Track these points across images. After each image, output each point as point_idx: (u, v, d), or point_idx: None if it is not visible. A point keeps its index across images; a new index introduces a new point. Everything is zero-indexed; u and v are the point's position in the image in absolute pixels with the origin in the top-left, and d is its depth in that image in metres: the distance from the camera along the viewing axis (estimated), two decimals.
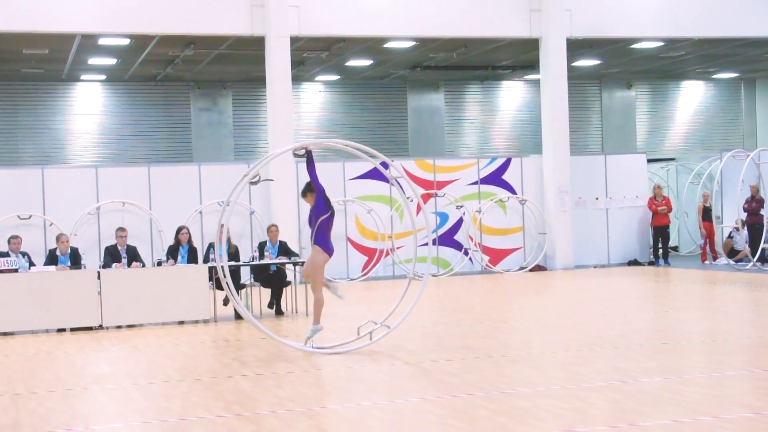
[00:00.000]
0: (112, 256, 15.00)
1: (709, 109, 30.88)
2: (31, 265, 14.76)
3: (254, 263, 15.38)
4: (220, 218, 11.22)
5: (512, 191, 22.66)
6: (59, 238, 15.24)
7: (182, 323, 14.31)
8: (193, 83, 26.37)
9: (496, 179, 22.62)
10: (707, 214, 22.90)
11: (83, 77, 25.32)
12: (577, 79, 27.31)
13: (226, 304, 15.11)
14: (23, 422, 7.74)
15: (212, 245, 15.33)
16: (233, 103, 26.85)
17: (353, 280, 21.41)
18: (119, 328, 14.07)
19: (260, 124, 26.31)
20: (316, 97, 27.50)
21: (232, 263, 15.21)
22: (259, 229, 20.62)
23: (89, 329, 13.89)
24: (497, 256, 22.50)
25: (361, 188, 21.60)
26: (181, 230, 15.48)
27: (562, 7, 21.98)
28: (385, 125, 28.02)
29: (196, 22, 20.07)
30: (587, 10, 22.32)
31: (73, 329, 13.93)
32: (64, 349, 12.19)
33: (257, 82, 24.72)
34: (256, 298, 15.49)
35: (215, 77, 26.07)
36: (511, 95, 29.09)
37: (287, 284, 15.47)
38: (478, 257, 22.29)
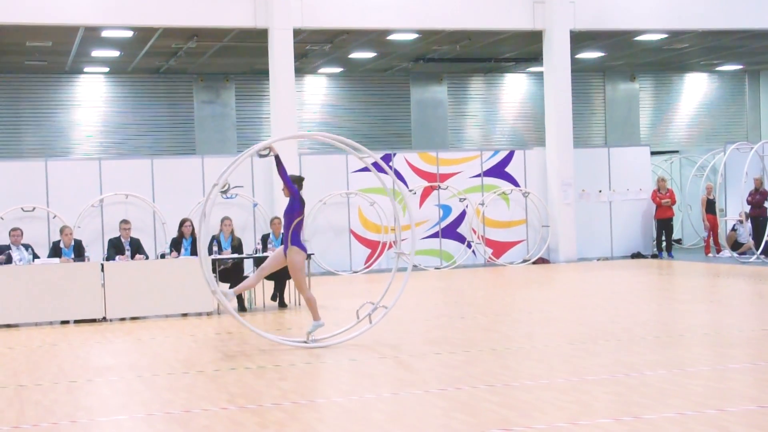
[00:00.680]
0: (115, 248, 15.01)
1: (713, 101, 30.82)
2: (34, 257, 14.78)
3: (257, 255, 15.38)
4: (199, 227, 11.11)
5: (515, 184, 22.64)
6: (63, 230, 15.26)
7: (185, 315, 14.33)
8: (196, 76, 26.35)
9: (499, 172, 22.61)
10: (711, 206, 22.87)
11: (86, 69, 25.31)
12: (580, 71, 27.26)
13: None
14: (28, 414, 7.75)
15: (215, 237, 15.35)
16: (236, 95, 26.83)
17: (356, 272, 21.42)
18: (123, 320, 14.09)
19: (263, 116, 26.30)
20: (319, 89, 27.47)
21: (235, 256, 15.23)
22: (262, 221, 20.63)
23: (93, 321, 13.92)
24: (500, 248, 22.50)
25: (363, 180, 21.59)
26: (184, 223, 15.49)
27: None
28: (388, 118, 27.99)
29: (199, 14, 20.06)
30: (590, 1, 22.27)
31: (77, 321, 13.95)
32: (68, 341, 12.20)
33: (260, 74, 24.70)
34: (259, 290, 15.50)
35: (218, 69, 26.05)
36: (514, 88, 29.04)
37: (290, 277, 15.44)
38: (481, 250, 22.29)
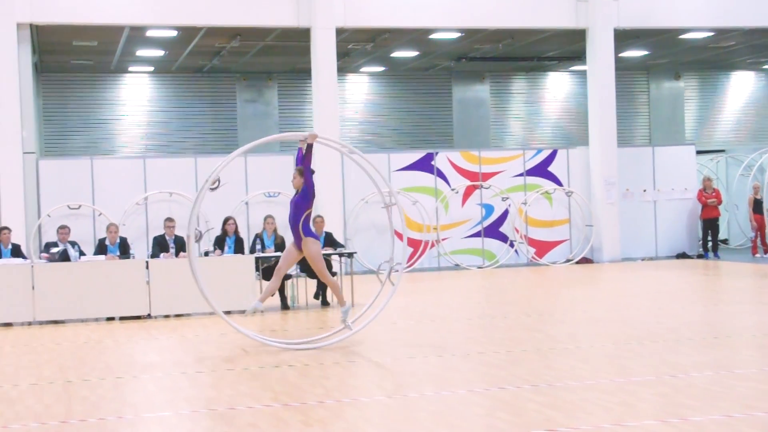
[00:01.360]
0: (160, 246, 15.14)
1: (759, 100, 30.39)
2: (81, 254, 14.95)
3: None
4: (188, 230, 11.19)
5: (558, 183, 22.50)
6: (109, 227, 15.43)
7: (229, 313, 14.38)
8: (239, 75, 26.49)
9: (542, 171, 22.48)
10: (758, 206, 22.55)
11: (131, 69, 25.55)
12: (624, 69, 27.03)
13: (272, 294, 15.15)
14: (75, 410, 7.84)
15: (258, 236, 15.42)
16: (279, 94, 26.93)
17: (398, 271, 21.37)
18: (167, 317, 14.21)
19: (305, 115, 26.37)
20: (360, 88, 27.48)
21: (278, 254, 15.28)
22: None
23: (138, 318, 14.05)
24: (543, 248, 22.37)
25: (406, 179, 21.59)
26: (227, 221, 15.59)
27: None
28: (429, 117, 27.94)
29: (242, 13, 20.16)
30: (635, 0, 22.08)
31: (122, 318, 14.09)
32: (113, 337, 12.32)
33: (303, 73, 24.77)
34: (302, 288, 15.55)
35: (261, 69, 26.18)
36: (557, 86, 28.86)
37: (333, 275, 15.47)
38: (523, 249, 22.19)
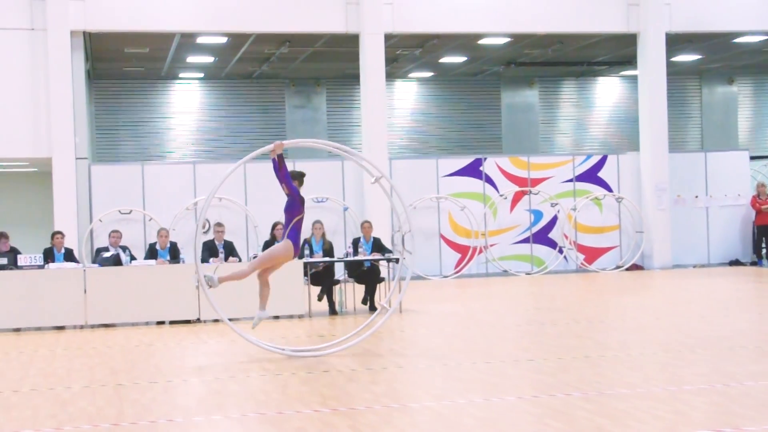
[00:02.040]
0: (209, 250, 15.25)
1: None
2: (132, 259, 15.11)
3: (348, 259, 15.46)
4: (196, 233, 11.22)
5: (608, 189, 22.31)
6: (159, 232, 15.58)
7: (277, 318, 14.47)
8: (288, 81, 26.63)
9: (591, 176, 22.30)
10: None
11: (182, 75, 25.81)
12: (676, 74, 26.72)
13: (320, 299, 15.23)
14: (126, 412, 7.91)
15: (307, 241, 15.46)
16: (327, 100, 27.02)
17: (446, 277, 21.36)
18: (216, 321, 14.28)
19: (354, 121, 26.43)
20: (409, 94, 27.48)
21: (326, 259, 15.32)
22: (352, 225, 20.74)
23: (187, 322, 14.15)
24: (593, 254, 22.18)
25: (454, 185, 21.54)
26: (276, 226, 15.64)
27: (661, 0, 21.55)
28: (478, 122, 27.86)
29: (291, 20, 20.29)
30: (687, 3, 21.84)
31: (172, 322, 14.21)
32: (163, 341, 12.43)
33: (351, 79, 24.83)
34: (350, 294, 15.56)
35: (310, 74, 26.29)
36: (607, 91, 28.62)
37: (381, 280, 15.51)
38: (572, 255, 22.02)
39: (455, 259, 21.69)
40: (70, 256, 15.36)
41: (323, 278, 15.20)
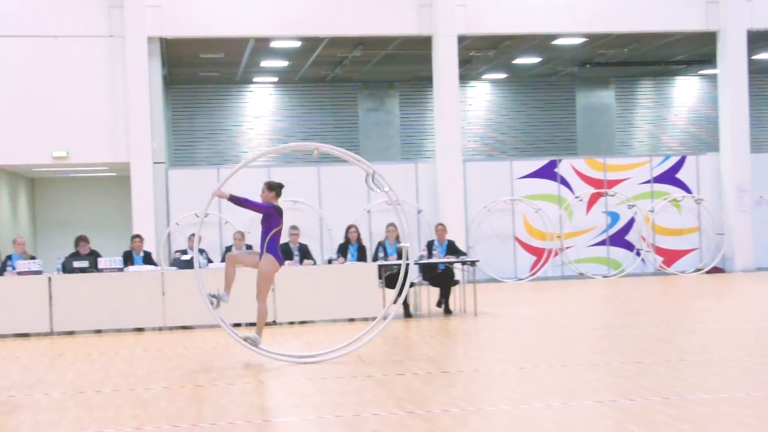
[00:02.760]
0: (285, 253, 15.31)
1: None
2: (208, 261, 15.28)
3: (422, 262, 15.41)
4: (197, 241, 11.14)
5: (687, 190, 21.91)
6: (235, 235, 15.72)
7: (352, 320, 14.49)
8: (360, 84, 26.71)
9: (669, 178, 21.92)
10: None
11: (255, 80, 26.07)
12: (757, 72, 26.12)
13: (395, 302, 15.19)
14: (205, 413, 7.98)
15: (381, 244, 15.46)
16: (400, 102, 27.04)
17: (521, 280, 21.19)
18: (291, 324, 14.38)
19: (427, 123, 26.40)
20: (482, 95, 27.35)
21: (399, 262, 15.28)
22: (426, 227, 20.69)
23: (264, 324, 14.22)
24: (671, 257, 21.79)
25: (529, 187, 21.36)
26: (350, 229, 15.68)
27: None
28: (552, 124, 27.59)
29: (364, 23, 20.34)
30: None
31: (248, 324, 14.30)
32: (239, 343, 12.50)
33: (424, 81, 24.81)
34: (424, 296, 15.52)
35: (383, 77, 26.33)
36: (685, 91, 28.11)
37: (456, 283, 15.44)
38: (650, 258, 21.65)
39: (530, 261, 21.51)
40: (148, 259, 15.60)
41: (397, 281, 15.14)
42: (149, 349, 12.28)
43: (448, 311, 15.18)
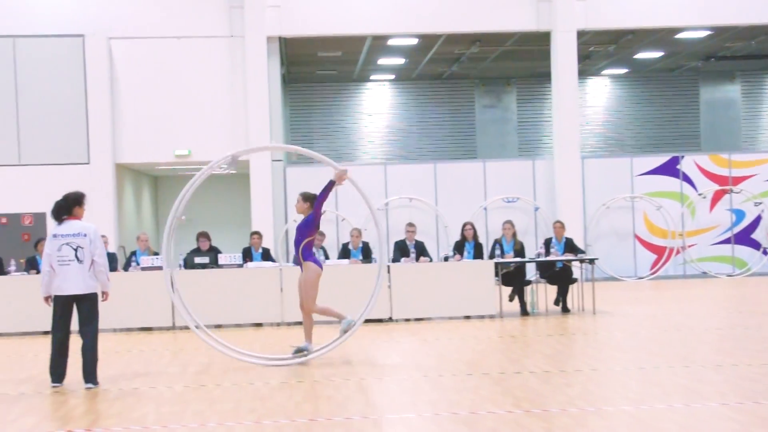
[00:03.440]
0: (401, 250, 15.36)
1: None
2: (326, 258, 15.43)
3: (540, 259, 15.23)
4: (167, 240, 11.01)
5: None
6: (352, 232, 15.84)
7: (468, 318, 14.42)
8: (477, 80, 26.56)
9: None
10: None
11: (373, 77, 26.21)
12: None
13: (512, 300, 15.08)
14: (322, 409, 8.05)
15: (498, 241, 15.33)
16: (517, 99, 26.78)
17: (641, 278, 20.73)
18: (408, 320, 14.39)
19: (545, 119, 26.08)
20: (601, 91, 26.85)
21: (517, 259, 15.15)
22: (543, 225, 20.45)
23: (380, 321, 14.31)
24: None
25: (649, 184, 20.88)
26: (465, 226, 15.60)
27: None
28: (675, 119, 26.88)
29: (482, 19, 20.21)
30: None
31: (365, 321, 14.37)
32: (356, 340, 12.57)
33: (542, 77, 24.51)
34: (542, 294, 15.33)
35: (500, 74, 26.13)
36: None
37: (574, 281, 15.21)
38: None
39: (651, 260, 21.03)
40: (267, 255, 15.85)
41: (514, 278, 15.04)
42: (267, 344, 12.47)
43: (565, 310, 14.97)
